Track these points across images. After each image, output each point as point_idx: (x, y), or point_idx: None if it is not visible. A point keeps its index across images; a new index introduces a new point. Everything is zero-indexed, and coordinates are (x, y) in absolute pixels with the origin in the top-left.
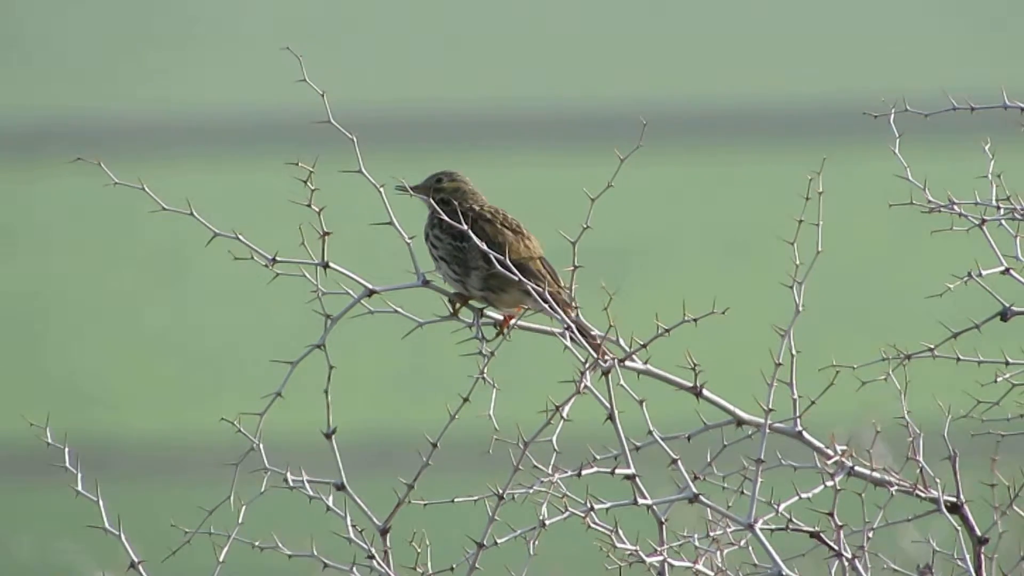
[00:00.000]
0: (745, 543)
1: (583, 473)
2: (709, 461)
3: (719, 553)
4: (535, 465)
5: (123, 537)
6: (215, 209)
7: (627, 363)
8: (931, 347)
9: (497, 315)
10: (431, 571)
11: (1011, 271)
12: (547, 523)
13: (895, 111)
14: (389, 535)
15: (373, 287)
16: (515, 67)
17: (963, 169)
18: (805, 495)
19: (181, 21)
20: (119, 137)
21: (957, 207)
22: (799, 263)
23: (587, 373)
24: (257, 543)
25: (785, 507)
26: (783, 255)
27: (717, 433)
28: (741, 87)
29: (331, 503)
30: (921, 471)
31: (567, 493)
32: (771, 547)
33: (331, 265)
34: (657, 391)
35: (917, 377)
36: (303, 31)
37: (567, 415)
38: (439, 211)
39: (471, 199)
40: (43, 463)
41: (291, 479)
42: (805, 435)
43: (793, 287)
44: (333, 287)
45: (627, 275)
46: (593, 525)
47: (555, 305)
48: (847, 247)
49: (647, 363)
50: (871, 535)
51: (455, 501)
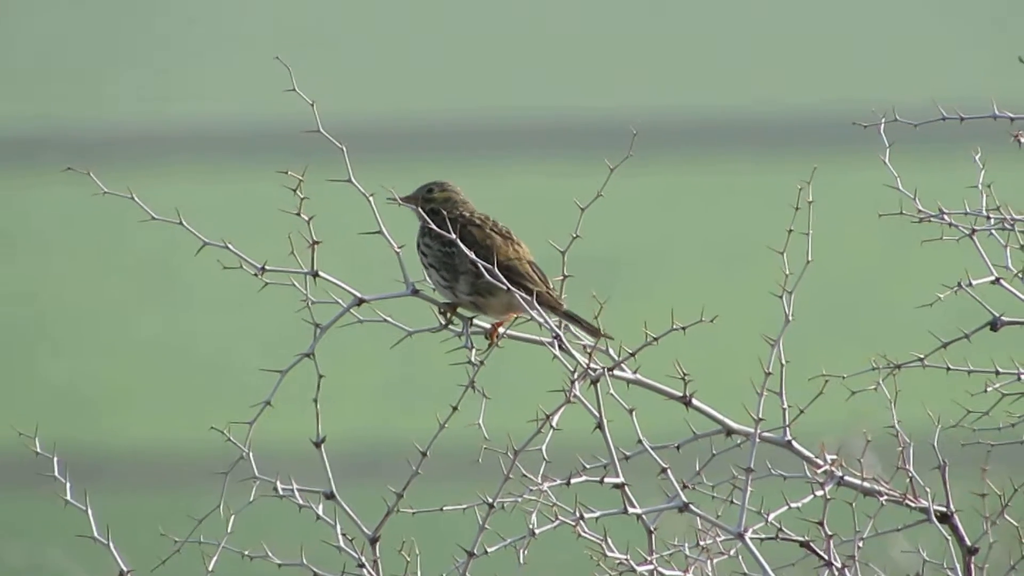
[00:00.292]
0: (735, 552)
1: (572, 482)
2: (698, 470)
3: (709, 562)
4: (524, 474)
5: (112, 546)
6: (205, 218)
7: (616, 372)
8: (921, 357)
9: (487, 324)
10: None
11: (1001, 281)
12: (537, 532)
13: (885, 121)
14: (379, 544)
15: (362, 296)
16: (507, 77)
17: (953, 179)
18: (795, 504)
19: (172, 31)
20: (110, 146)
21: (947, 217)
22: (789, 273)
23: (576, 382)
24: (247, 552)
25: (775, 516)
26: (773, 265)
27: (707, 442)
28: (731, 97)
29: (321, 512)
30: (911, 480)
31: (557, 502)
32: (761, 556)
33: (321, 274)
34: (647, 400)
35: (907, 387)
36: (294, 40)
37: (557, 424)
38: (428, 221)
39: (461, 208)
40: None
41: (280, 488)
42: (795, 444)
43: (783, 297)
44: (323, 296)
45: (617, 284)
46: (583, 534)
47: (541, 309)
48: (837, 257)
49: (637, 372)
50: (861, 544)
51: (444, 510)
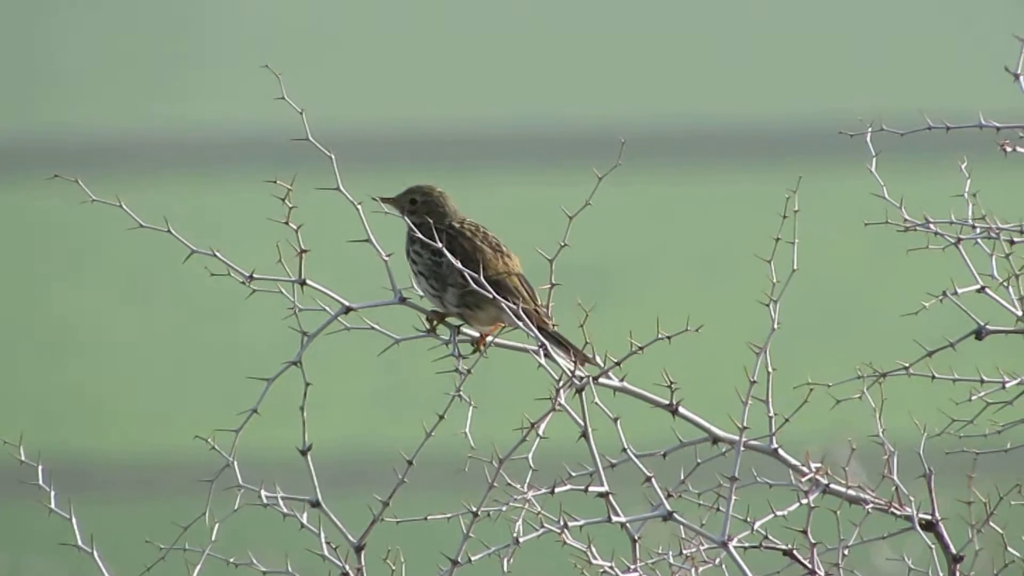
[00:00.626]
0: (719, 561)
1: (557, 490)
2: (683, 478)
3: (693, 570)
4: (509, 482)
5: (96, 554)
6: (193, 226)
7: (602, 380)
8: (906, 365)
9: (473, 332)
10: None
11: (987, 290)
12: (521, 540)
13: (871, 131)
14: (364, 552)
15: (350, 304)
16: (496, 86)
17: (939, 188)
18: (780, 513)
19: (159, 40)
20: (97, 154)
21: (933, 226)
22: (775, 281)
23: (562, 391)
24: (232, 559)
25: (760, 524)
26: (759, 273)
27: (692, 450)
28: (718, 107)
29: (305, 520)
30: (896, 489)
31: (541, 510)
32: (745, 565)
33: (308, 282)
34: (632, 409)
35: (892, 395)
36: (283, 48)
37: (543, 432)
38: (414, 229)
39: (450, 216)
40: (16, 480)
41: (265, 496)
42: (780, 452)
43: (769, 305)
44: (310, 304)
45: (604, 293)
46: (567, 542)
47: (529, 322)
48: (823, 266)
49: (623, 380)
50: (846, 553)
51: (429, 519)
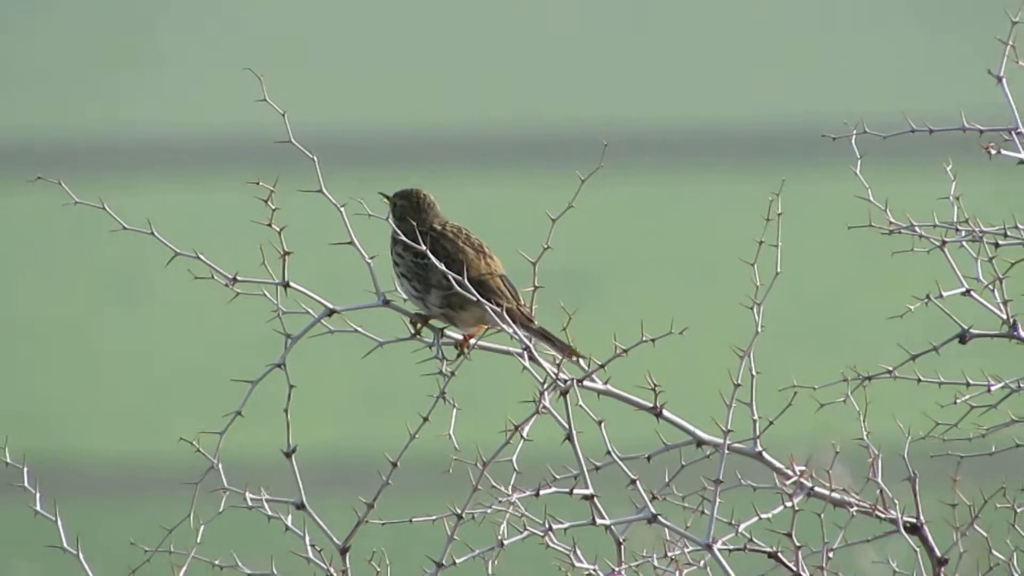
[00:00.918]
0: (704, 563)
1: (542, 493)
2: (668, 481)
3: (678, 573)
4: (494, 485)
5: (81, 556)
6: (176, 229)
7: (587, 383)
8: (891, 368)
9: (457, 335)
10: None
11: (971, 293)
12: (506, 543)
13: (855, 133)
14: (349, 554)
15: (333, 307)
16: (479, 88)
17: (923, 191)
18: (765, 515)
19: (141, 41)
20: (80, 156)
21: (917, 229)
22: (759, 284)
23: (546, 393)
24: (217, 562)
25: (745, 527)
26: (743, 276)
27: (676, 453)
28: (702, 109)
29: (290, 522)
30: (881, 492)
31: (526, 513)
32: (729, 567)
33: (291, 285)
34: (617, 411)
35: (877, 398)
36: (265, 51)
37: (527, 435)
38: (397, 231)
39: (432, 219)
40: (2, 482)
41: (250, 498)
42: (765, 455)
43: (753, 308)
44: (294, 307)
45: (587, 296)
46: (552, 545)
47: (513, 323)
48: (808, 268)
49: (607, 383)
50: (831, 555)
51: (413, 521)
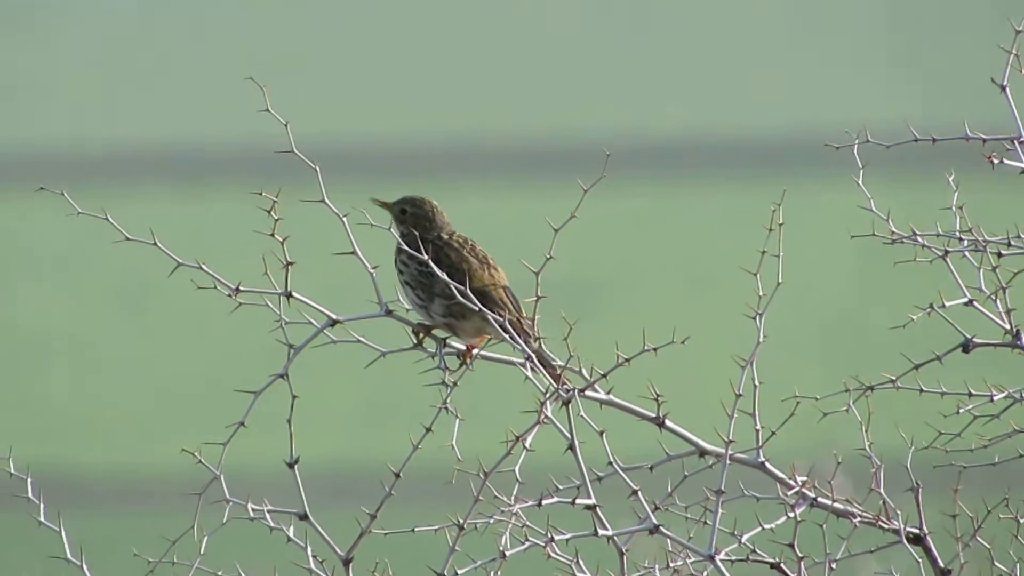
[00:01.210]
0: (706, 574)
1: (544, 503)
2: (670, 491)
3: None
4: (496, 495)
5: (85, 567)
6: (178, 239)
7: (589, 393)
8: (893, 378)
9: (460, 345)
10: None
11: (974, 303)
12: (508, 554)
13: (857, 142)
14: (351, 565)
15: (336, 317)
16: (481, 98)
17: (926, 200)
18: (767, 526)
19: (144, 51)
20: (83, 167)
21: (920, 238)
22: (761, 294)
23: (548, 403)
24: (219, 573)
25: (747, 538)
26: (745, 286)
27: (678, 464)
28: (704, 119)
29: (292, 533)
30: (883, 502)
31: (528, 523)
32: None
33: (294, 295)
34: (619, 421)
35: (879, 408)
36: (267, 62)
37: (529, 445)
38: (400, 242)
39: (437, 228)
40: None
41: (252, 509)
42: (767, 466)
43: (755, 318)
44: (296, 317)
45: (589, 306)
46: (554, 555)
47: (515, 334)
48: (810, 278)
49: (609, 393)
50: (833, 566)
51: (415, 531)
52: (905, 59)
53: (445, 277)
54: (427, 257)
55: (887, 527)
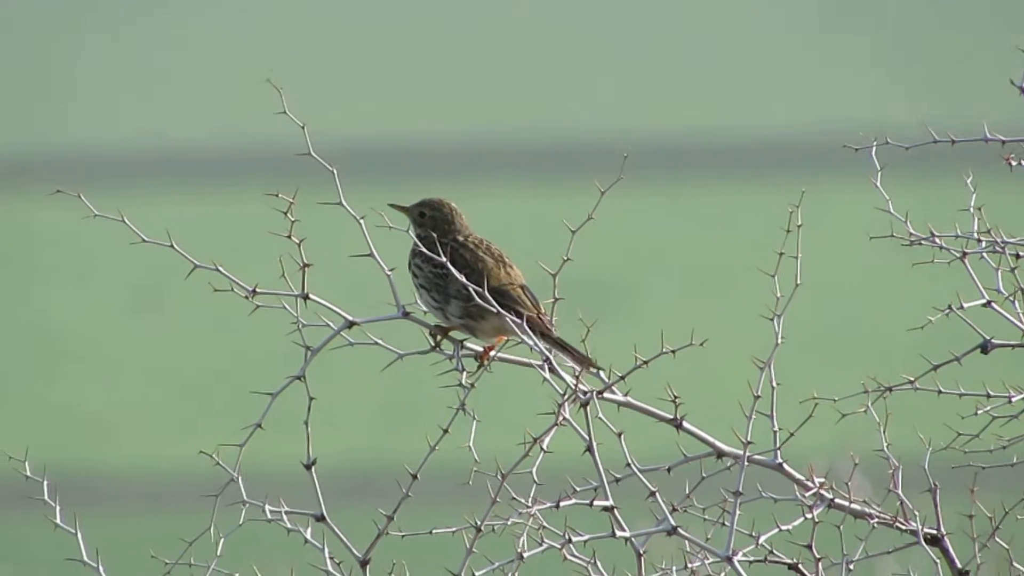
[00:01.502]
0: (724, 575)
1: (561, 505)
2: (688, 493)
3: None
4: (514, 497)
5: (102, 569)
6: (196, 241)
7: (606, 395)
8: (912, 379)
9: (477, 347)
10: None
11: (992, 304)
12: (525, 555)
13: (876, 144)
14: (369, 566)
15: (353, 319)
16: (496, 99)
17: (944, 202)
18: (785, 527)
19: (161, 53)
20: (99, 169)
21: (938, 240)
22: (780, 295)
23: (566, 405)
24: (236, 574)
25: (765, 539)
26: (763, 287)
27: (696, 465)
28: (722, 120)
29: (310, 535)
30: (901, 503)
31: (545, 525)
32: None
33: (311, 297)
34: (637, 423)
35: (897, 409)
36: (283, 63)
37: (547, 447)
38: (418, 243)
39: (456, 230)
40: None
41: (270, 511)
42: (785, 467)
43: (773, 319)
44: (313, 319)
45: (607, 307)
46: (571, 557)
47: (533, 334)
48: (828, 279)
49: (627, 395)
50: (851, 567)
51: (433, 532)
52: (922, 60)
53: (463, 279)
54: (445, 259)
55: (905, 528)
